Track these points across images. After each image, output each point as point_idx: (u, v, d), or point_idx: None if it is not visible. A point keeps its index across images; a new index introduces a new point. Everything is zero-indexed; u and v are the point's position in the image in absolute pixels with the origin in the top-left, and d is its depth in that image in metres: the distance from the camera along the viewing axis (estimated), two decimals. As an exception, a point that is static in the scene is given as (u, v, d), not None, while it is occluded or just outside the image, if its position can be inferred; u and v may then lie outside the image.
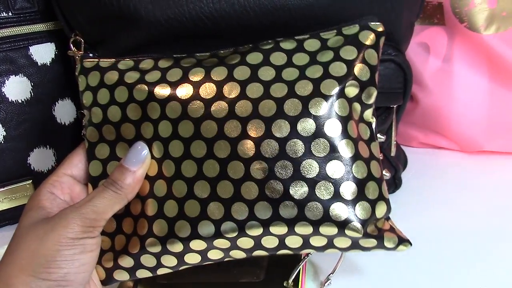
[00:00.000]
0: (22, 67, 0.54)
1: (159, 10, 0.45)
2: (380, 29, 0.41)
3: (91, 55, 0.46)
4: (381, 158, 0.55)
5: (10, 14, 0.52)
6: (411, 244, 0.40)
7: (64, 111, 0.57)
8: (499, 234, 0.53)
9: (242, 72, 0.40)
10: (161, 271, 0.41)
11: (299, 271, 0.45)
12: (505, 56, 0.61)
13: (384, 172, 0.56)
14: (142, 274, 0.41)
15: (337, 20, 0.45)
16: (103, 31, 0.49)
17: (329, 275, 0.47)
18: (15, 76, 0.53)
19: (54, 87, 0.56)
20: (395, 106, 0.52)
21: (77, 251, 0.37)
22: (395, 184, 0.59)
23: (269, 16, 0.45)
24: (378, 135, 0.52)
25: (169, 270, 0.41)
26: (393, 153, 0.55)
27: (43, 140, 0.57)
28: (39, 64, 0.55)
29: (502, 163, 0.66)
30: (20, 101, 0.54)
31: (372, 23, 0.41)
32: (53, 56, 0.56)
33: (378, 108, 0.52)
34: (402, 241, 0.40)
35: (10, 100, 0.54)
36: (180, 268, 0.41)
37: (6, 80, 0.53)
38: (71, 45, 0.51)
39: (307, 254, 0.44)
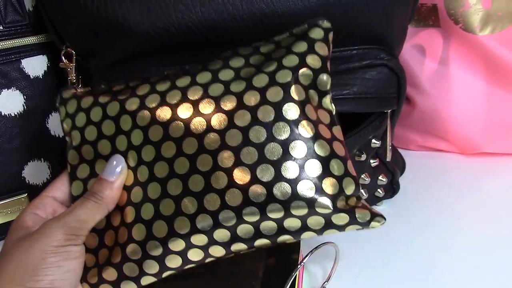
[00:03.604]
0: (15, 80, 0.54)
1: (148, 20, 0.45)
2: (327, 25, 0.43)
3: (69, 86, 0.47)
4: (377, 163, 0.55)
5: (1, 27, 0.52)
6: (385, 219, 0.40)
7: (57, 123, 0.57)
8: (500, 237, 0.53)
9: (204, 77, 0.42)
10: (145, 281, 0.41)
11: (295, 280, 0.44)
12: (501, 57, 0.61)
13: (380, 177, 0.56)
14: (127, 286, 0.41)
15: (327, 27, 0.45)
16: (93, 42, 0.49)
17: (324, 283, 0.46)
18: (8, 89, 0.53)
19: (47, 100, 0.56)
20: (389, 111, 0.51)
21: (62, 258, 0.38)
22: (393, 188, 0.59)
23: (259, 24, 0.45)
24: (373, 140, 0.52)
25: (153, 279, 0.41)
26: (388, 158, 0.55)
27: (38, 153, 0.57)
28: (31, 77, 0.55)
29: (502, 164, 0.65)
30: (13, 115, 0.54)
31: (320, 21, 0.43)
32: (46, 69, 0.56)
33: (373, 113, 0.51)
34: (375, 215, 0.40)
35: (3, 114, 0.54)
36: (164, 275, 0.41)
37: (-1, 94, 0.53)
38: (63, 57, 0.51)
39: (301, 262, 0.44)
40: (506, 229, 0.54)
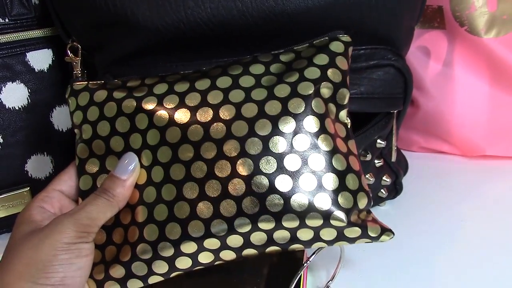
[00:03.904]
0: (19, 73, 0.53)
1: (157, 16, 0.44)
2: (348, 39, 0.44)
3: (80, 78, 0.47)
4: (381, 163, 0.55)
5: (6, 20, 0.52)
6: (393, 234, 0.42)
7: (61, 117, 0.57)
8: (501, 239, 0.53)
9: (224, 81, 0.42)
10: (152, 280, 0.41)
11: (300, 279, 0.44)
12: (506, 60, 0.61)
13: (384, 178, 0.56)
14: (133, 284, 0.41)
15: (335, 25, 0.45)
16: (100, 37, 0.48)
17: (328, 282, 0.46)
18: (12, 82, 0.53)
19: (51, 94, 0.56)
20: (395, 111, 0.52)
21: (73, 255, 0.38)
22: (396, 189, 0.59)
23: (268, 22, 0.45)
24: (379, 141, 0.52)
25: (160, 278, 0.41)
26: (393, 159, 0.55)
27: (41, 147, 0.56)
28: (36, 70, 0.54)
29: (504, 167, 0.66)
30: (17, 108, 0.54)
31: (341, 35, 0.44)
32: (51, 62, 0.55)
33: (378, 113, 0.51)
34: (385, 230, 0.41)
35: (7, 107, 0.53)
36: (171, 275, 0.41)
37: (3, 87, 0.53)
38: (68, 51, 0.51)
39: (306, 261, 0.44)
40: (508, 231, 0.54)
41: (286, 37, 0.46)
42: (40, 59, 0.55)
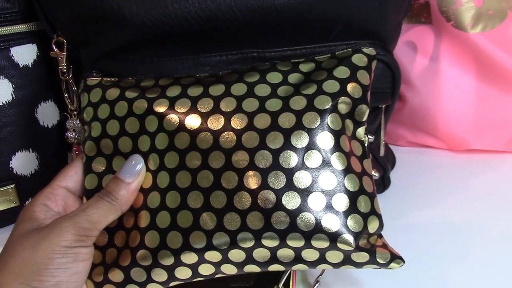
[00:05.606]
0: (3, 69, 0.52)
1: (144, 10, 0.44)
2: (372, 53, 0.42)
3: (94, 74, 0.46)
4: (370, 159, 0.55)
5: (-10, 15, 0.51)
6: (403, 262, 0.40)
7: (47, 113, 0.56)
8: (486, 232, 0.53)
9: (239, 89, 0.41)
10: (150, 287, 0.40)
11: (289, 274, 0.44)
12: (491, 55, 0.61)
13: (373, 172, 0.56)
14: None
15: (324, 20, 0.45)
16: (86, 32, 0.48)
17: (318, 276, 0.46)
18: (-4, 78, 0.52)
19: (36, 89, 0.55)
20: (383, 106, 0.52)
21: (70, 259, 0.37)
22: (383, 184, 0.59)
23: (256, 16, 0.44)
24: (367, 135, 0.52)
25: (159, 286, 0.41)
26: (382, 153, 0.55)
27: (26, 144, 0.55)
28: (20, 65, 0.53)
29: (489, 161, 0.66)
30: (1, 104, 0.53)
31: (365, 48, 0.43)
32: (35, 58, 0.54)
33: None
34: (395, 257, 0.40)
35: (-10, 103, 0.52)
36: (170, 284, 0.41)
37: (-13, 83, 0.52)
38: (54, 46, 0.50)
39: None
40: (493, 224, 0.54)
41: (274, 32, 0.45)
42: (25, 54, 0.54)
